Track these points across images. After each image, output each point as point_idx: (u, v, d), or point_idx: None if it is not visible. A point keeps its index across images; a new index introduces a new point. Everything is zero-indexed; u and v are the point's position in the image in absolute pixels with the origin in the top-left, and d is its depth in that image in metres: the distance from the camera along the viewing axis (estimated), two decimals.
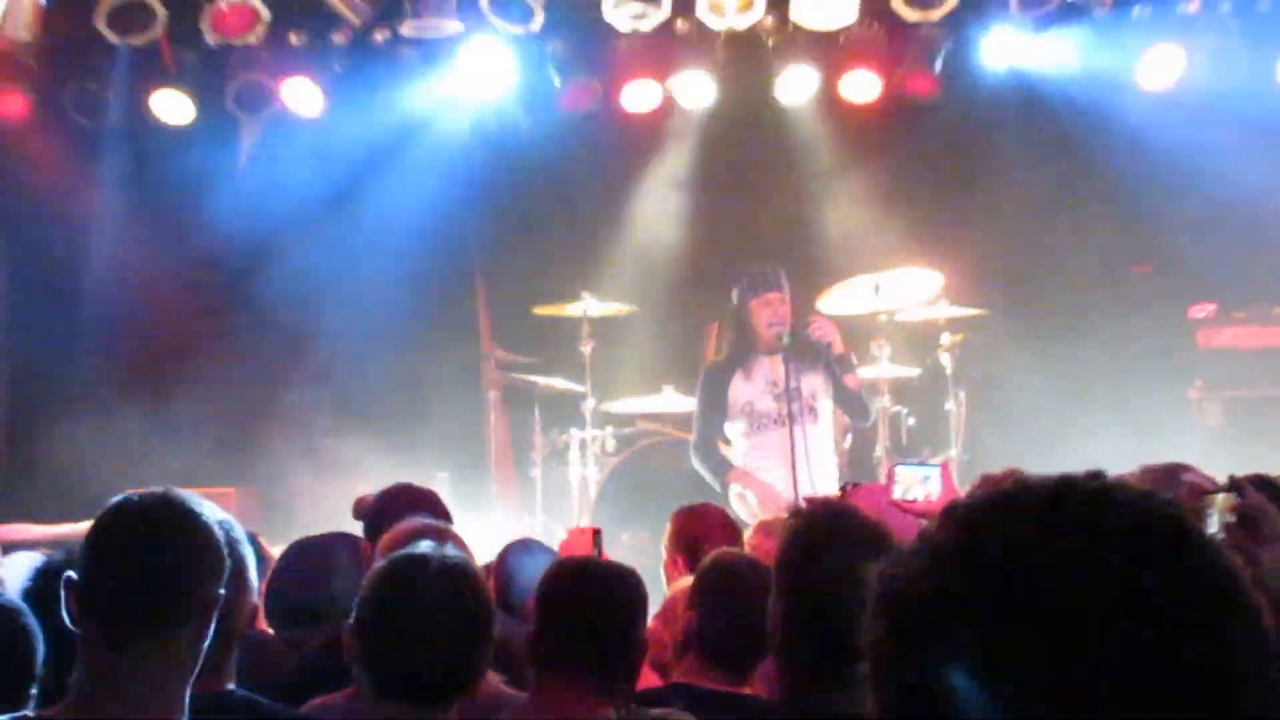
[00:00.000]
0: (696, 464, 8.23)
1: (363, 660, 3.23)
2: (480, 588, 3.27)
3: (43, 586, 3.52)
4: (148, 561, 2.81)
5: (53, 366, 9.35)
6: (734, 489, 8.02)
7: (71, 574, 2.83)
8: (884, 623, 1.22)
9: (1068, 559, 1.15)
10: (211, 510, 2.96)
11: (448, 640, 3.17)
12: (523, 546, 4.80)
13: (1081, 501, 1.20)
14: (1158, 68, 8.83)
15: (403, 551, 3.41)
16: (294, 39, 8.72)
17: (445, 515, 4.72)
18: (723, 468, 8.15)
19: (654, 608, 3.82)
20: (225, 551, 2.90)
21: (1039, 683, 1.12)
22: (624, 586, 3.59)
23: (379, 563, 3.41)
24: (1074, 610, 1.13)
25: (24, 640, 3.23)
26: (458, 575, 3.24)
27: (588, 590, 3.55)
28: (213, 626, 2.88)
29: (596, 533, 5.04)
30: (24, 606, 3.47)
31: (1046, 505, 1.20)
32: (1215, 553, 1.20)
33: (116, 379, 9.20)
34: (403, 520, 4.45)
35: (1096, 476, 1.24)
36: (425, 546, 3.39)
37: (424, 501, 4.77)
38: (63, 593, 2.81)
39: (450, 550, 3.35)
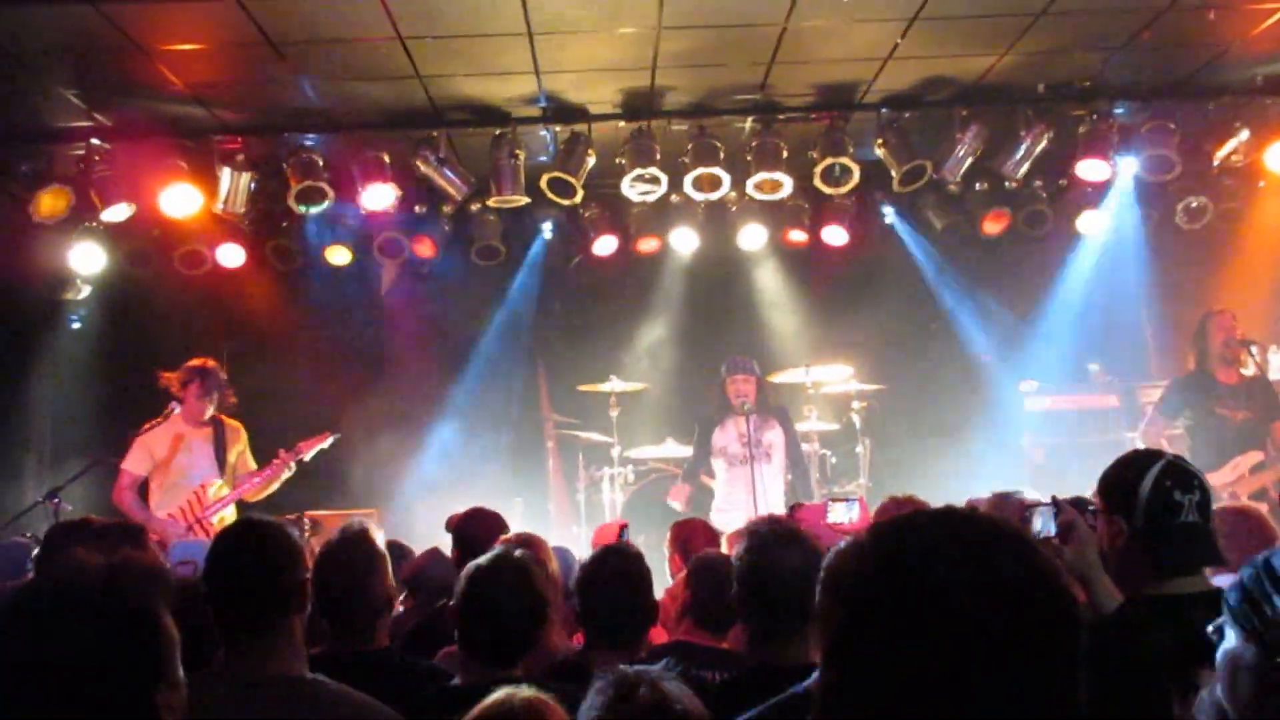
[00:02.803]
0: (683, 483, 8.15)
1: (457, 630, 3.13)
2: (535, 581, 3.11)
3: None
4: (244, 574, 2.61)
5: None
6: (714, 510, 7.90)
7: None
8: (828, 594, 1.25)
9: (941, 555, 1.19)
10: (285, 526, 2.77)
11: (508, 619, 3.05)
12: (560, 550, 4.71)
13: (953, 522, 1.24)
14: (993, 222, 8.78)
15: (485, 556, 3.26)
16: (417, 208, 8.71)
17: (505, 527, 4.59)
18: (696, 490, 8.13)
19: (657, 586, 3.68)
20: (301, 552, 2.70)
21: (918, 629, 1.16)
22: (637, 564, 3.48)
23: (472, 563, 3.23)
24: (942, 585, 1.17)
25: None
26: (519, 573, 3.11)
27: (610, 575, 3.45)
28: (309, 605, 2.66)
29: (623, 526, 4.96)
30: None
31: (929, 522, 1.25)
32: (1033, 551, 1.23)
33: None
34: (483, 531, 4.44)
35: (965, 508, 1.28)
36: (503, 551, 3.26)
37: (492, 518, 4.64)
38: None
39: (518, 554, 3.20)
